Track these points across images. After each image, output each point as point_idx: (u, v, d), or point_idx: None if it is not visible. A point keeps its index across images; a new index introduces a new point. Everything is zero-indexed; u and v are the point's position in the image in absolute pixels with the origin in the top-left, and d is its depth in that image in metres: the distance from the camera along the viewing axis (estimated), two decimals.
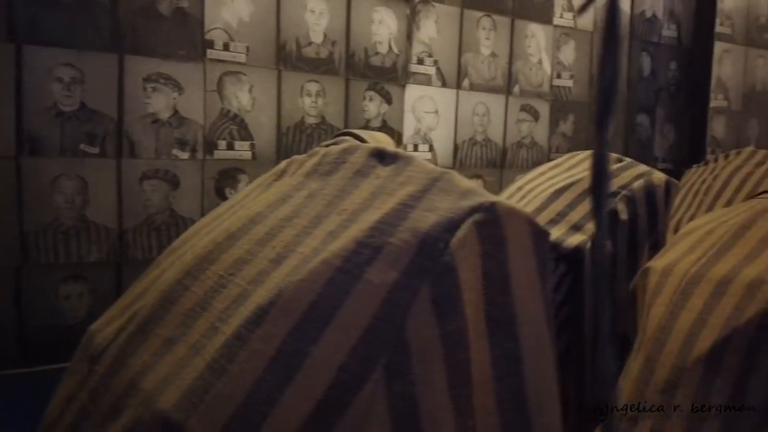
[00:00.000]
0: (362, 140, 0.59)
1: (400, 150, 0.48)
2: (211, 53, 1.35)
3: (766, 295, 0.84)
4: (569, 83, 1.95)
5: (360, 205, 0.42)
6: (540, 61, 1.88)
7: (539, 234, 0.44)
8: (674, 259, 0.99)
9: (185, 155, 1.35)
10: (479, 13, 1.75)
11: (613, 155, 1.33)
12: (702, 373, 0.83)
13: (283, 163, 0.60)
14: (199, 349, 0.40)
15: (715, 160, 1.82)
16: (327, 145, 0.54)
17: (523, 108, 1.86)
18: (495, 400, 0.38)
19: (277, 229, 0.45)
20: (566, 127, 1.97)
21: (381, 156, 0.47)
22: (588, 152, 1.37)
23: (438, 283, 0.37)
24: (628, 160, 1.27)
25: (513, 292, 0.40)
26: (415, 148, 1.67)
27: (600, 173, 0.18)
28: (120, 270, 1.29)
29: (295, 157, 0.59)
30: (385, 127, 1.62)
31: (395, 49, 1.61)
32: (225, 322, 0.40)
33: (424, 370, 0.36)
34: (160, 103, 1.30)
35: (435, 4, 1.67)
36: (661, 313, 0.92)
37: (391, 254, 0.38)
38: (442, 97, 1.71)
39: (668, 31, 2.15)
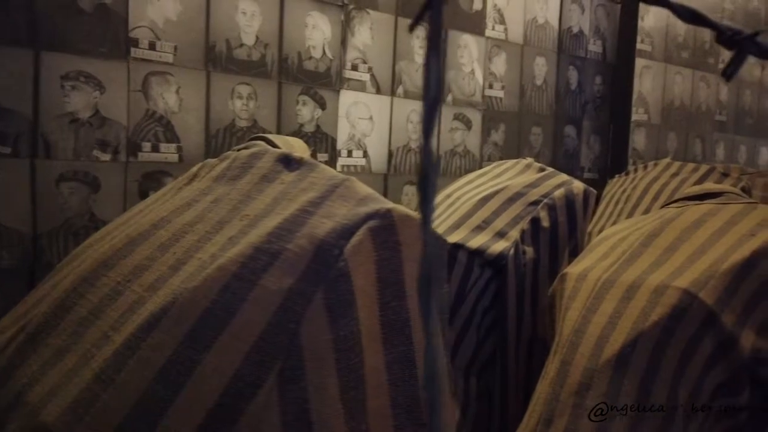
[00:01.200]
0: (274, 145, 0.59)
1: (305, 156, 0.48)
2: (135, 52, 1.31)
3: (670, 300, 0.89)
4: (500, 94, 2.01)
5: (262, 210, 0.42)
6: (472, 72, 1.92)
7: (434, 239, 0.45)
8: (589, 265, 1.03)
9: (107, 157, 1.30)
10: None
11: (536, 165, 1.38)
12: (611, 374, 0.87)
13: (195, 167, 0.59)
14: (89, 359, 0.38)
15: (635, 170, 1.91)
16: (239, 149, 0.54)
17: (456, 117, 1.90)
18: (390, 403, 0.38)
19: (180, 235, 0.44)
20: (498, 136, 2.02)
21: (287, 161, 0.47)
22: (514, 161, 1.42)
23: (332, 289, 0.37)
24: (549, 169, 1.32)
25: (408, 297, 0.40)
26: (349, 153, 1.68)
27: (426, 183, 0.19)
28: (33, 276, 1.22)
29: (208, 160, 0.58)
30: (318, 132, 1.62)
31: (329, 54, 1.61)
32: (117, 330, 0.39)
33: (317, 375, 0.36)
34: (79, 102, 1.25)
35: (369, 11, 1.68)
36: (576, 317, 0.96)
37: (287, 260, 0.38)
38: (377, 104, 1.72)
39: (594, 47, 2.25)
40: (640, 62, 2.24)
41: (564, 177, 1.28)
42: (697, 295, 0.87)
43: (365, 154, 1.71)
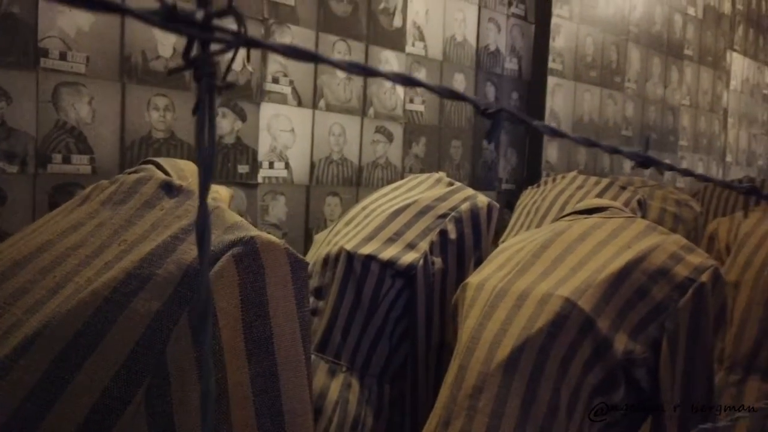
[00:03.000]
0: (165, 170, 0.61)
1: (188, 183, 0.51)
2: (45, 62, 1.29)
3: (553, 308, 0.97)
4: (421, 108, 2.08)
5: (140, 236, 0.45)
6: (394, 86, 1.99)
7: (297, 263, 0.49)
8: (487, 274, 1.10)
9: (13, 168, 1.27)
10: (335, 38, 1.82)
11: (446, 179, 1.45)
12: (501, 377, 0.94)
13: (88, 188, 0.60)
14: None
15: (545, 182, 2.04)
16: (129, 173, 0.56)
17: (378, 129, 1.96)
18: (254, 414, 0.42)
19: (62, 258, 0.46)
20: (418, 148, 2.10)
21: (169, 188, 0.50)
22: (426, 175, 1.48)
23: (196, 311, 0.41)
24: (458, 184, 1.39)
25: (270, 316, 0.44)
26: (271, 165, 1.70)
27: (203, 231, 0.23)
28: None
29: (102, 182, 0.60)
30: (239, 144, 1.63)
31: (249, 68, 1.63)
32: None
33: (181, 390, 0.39)
34: None
35: (290, 26, 1.71)
36: (473, 324, 1.02)
37: (156, 285, 0.41)
38: (299, 116, 1.75)
39: (510, 64, 2.37)
40: (552, 80, 2.38)
41: (470, 191, 1.36)
42: (576, 303, 0.95)
43: (287, 166, 1.73)
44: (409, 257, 1.25)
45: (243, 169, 1.64)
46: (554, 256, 1.07)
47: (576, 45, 2.45)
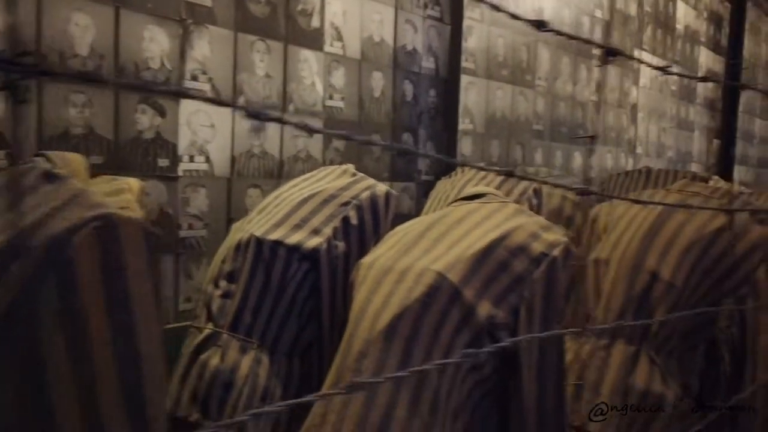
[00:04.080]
0: (53, 161, 0.71)
1: (63, 172, 0.61)
2: None
3: (428, 280, 1.11)
4: (341, 104, 2.20)
5: (23, 216, 0.55)
6: (313, 84, 2.10)
7: (150, 235, 0.61)
8: (378, 254, 1.24)
9: None
10: (253, 37, 1.91)
11: (351, 170, 1.58)
12: (382, 343, 1.08)
13: None
14: None
15: (456, 173, 2.20)
16: (20, 164, 0.66)
17: (298, 124, 2.07)
18: (113, 354, 0.53)
19: None
20: (339, 142, 2.22)
21: (49, 177, 0.60)
22: (335, 167, 1.61)
23: (61, 272, 0.51)
24: (360, 175, 1.52)
25: (128, 278, 0.56)
26: (191, 159, 1.78)
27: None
28: None
29: None
30: (159, 139, 1.71)
31: (168, 66, 1.71)
32: None
33: (49, 339, 0.50)
34: None
35: (208, 26, 1.80)
36: (362, 298, 1.16)
37: (30, 252, 0.51)
38: (218, 113, 1.84)
39: (427, 63, 2.52)
40: (465, 78, 2.55)
41: (371, 182, 1.49)
42: (446, 275, 1.10)
43: (208, 160, 1.82)
44: (314, 242, 1.38)
45: (163, 162, 1.72)
46: (435, 237, 1.22)
47: (488, 45, 2.63)
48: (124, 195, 1.01)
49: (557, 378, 1.16)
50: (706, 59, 5.10)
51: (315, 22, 2.09)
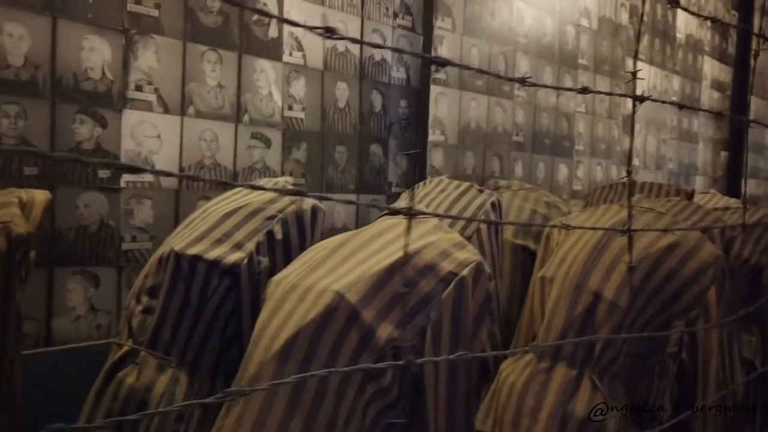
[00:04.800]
0: None
1: None
2: None
3: (326, 300, 1.05)
4: (301, 115, 2.17)
5: None
6: (270, 94, 2.07)
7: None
8: (289, 272, 1.19)
9: None
10: (204, 47, 1.89)
11: (288, 182, 1.53)
12: (276, 365, 1.02)
13: None
14: None
15: (418, 187, 2.14)
16: None
17: (254, 135, 2.03)
18: None
19: None
20: (299, 154, 2.18)
21: None
22: (268, 179, 1.56)
23: None
24: (290, 187, 1.47)
25: None
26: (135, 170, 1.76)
27: None
28: None
29: None
30: (99, 150, 1.68)
31: (110, 76, 1.69)
32: None
33: None
34: None
35: (155, 36, 1.78)
36: (264, 318, 1.11)
37: None
38: (165, 123, 1.81)
39: (398, 74, 2.48)
40: (435, 89, 2.49)
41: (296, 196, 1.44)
42: (344, 295, 1.04)
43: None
44: (235, 257, 1.33)
45: (104, 174, 1.69)
46: (345, 254, 1.16)
47: (460, 55, 2.57)
48: (9, 209, 0.97)
49: (467, 407, 1.09)
50: (711, 69, 4.97)
51: (272, 32, 2.06)
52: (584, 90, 1.03)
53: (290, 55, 2.11)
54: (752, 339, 2.28)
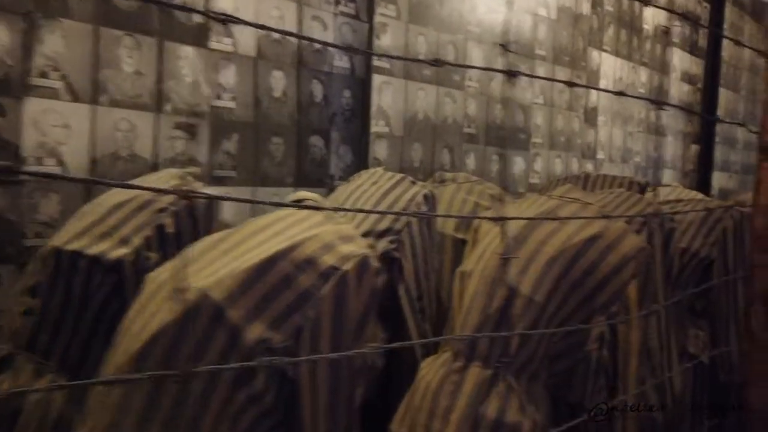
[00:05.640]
0: None
1: None
2: None
3: (190, 298, 0.96)
4: (231, 104, 2.07)
5: None
6: (196, 82, 1.97)
7: None
8: (165, 267, 1.09)
9: None
10: (119, 32, 1.78)
11: (174, 172, 1.44)
12: (128, 370, 0.93)
13: None
14: None
15: (353, 178, 2.06)
16: None
17: (178, 126, 1.93)
18: None
19: None
20: (230, 145, 2.08)
21: None
22: (165, 171, 1.47)
23: None
24: (189, 178, 1.38)
25: None
26: (39, 162, 1.65)
27: None
28: None
29: None
30: None
31: (9, 61, 1.58)
32: None
33: None
34: None
35: (62, 20, 1.67)
36: (130, 317, 1.01)
37: None
38: (75, 112, 1.71)
39: (341, 62, 2.38)
40: (378, 78, 2.40)
41: (196, 185, 1.35)
42: (208, 293, 0.95)
43: (60, 163, 1.69)
44: (118, 252, 1.23)
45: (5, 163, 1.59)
46: (226, 248, 1.07)
47: (405, 43, 2.48)
48: None
49: (349, 413, 1.00)
50: (681, 61, 4.92)
51: (198, 17, 1.96)
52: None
53: (218, 41, 2.01)
54: (699, 334, 2.22)
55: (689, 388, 2.23)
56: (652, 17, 4.45)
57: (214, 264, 1.03)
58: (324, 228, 1.06)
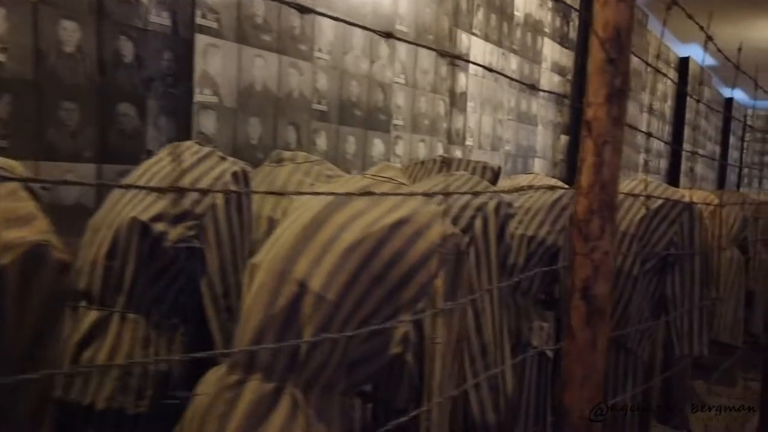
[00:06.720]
0: None
1: None
2: None
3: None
4: (1, 57, 1.66)
5: None
6: None
7: None
8: None
9: None
10: None
11: None
12: None
13: None
14: None
15: (158, 152, 1.74)
16: None
17: None
18: None
19: None
20: (1, 108, 1.68)
21: None
22: None
23: None
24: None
25: None
26: None
27: None
28: None
29: None
30: None
31: None
32: None
33: None
34: None
35: None
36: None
37: None
38: None
39: (158, 19, 2.03)
40: (203, 39, 2.08)
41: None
42: None
43: None
44: None
45: None
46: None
47: (238, 2, 2.18)
48: None
49: None
50: (552, 52, 4.99)
51: None
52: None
53: None
54: (544, 326, 2.13)
55: (533, 382, 2.14)
56: (523, 5, 4.44)
57: None
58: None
